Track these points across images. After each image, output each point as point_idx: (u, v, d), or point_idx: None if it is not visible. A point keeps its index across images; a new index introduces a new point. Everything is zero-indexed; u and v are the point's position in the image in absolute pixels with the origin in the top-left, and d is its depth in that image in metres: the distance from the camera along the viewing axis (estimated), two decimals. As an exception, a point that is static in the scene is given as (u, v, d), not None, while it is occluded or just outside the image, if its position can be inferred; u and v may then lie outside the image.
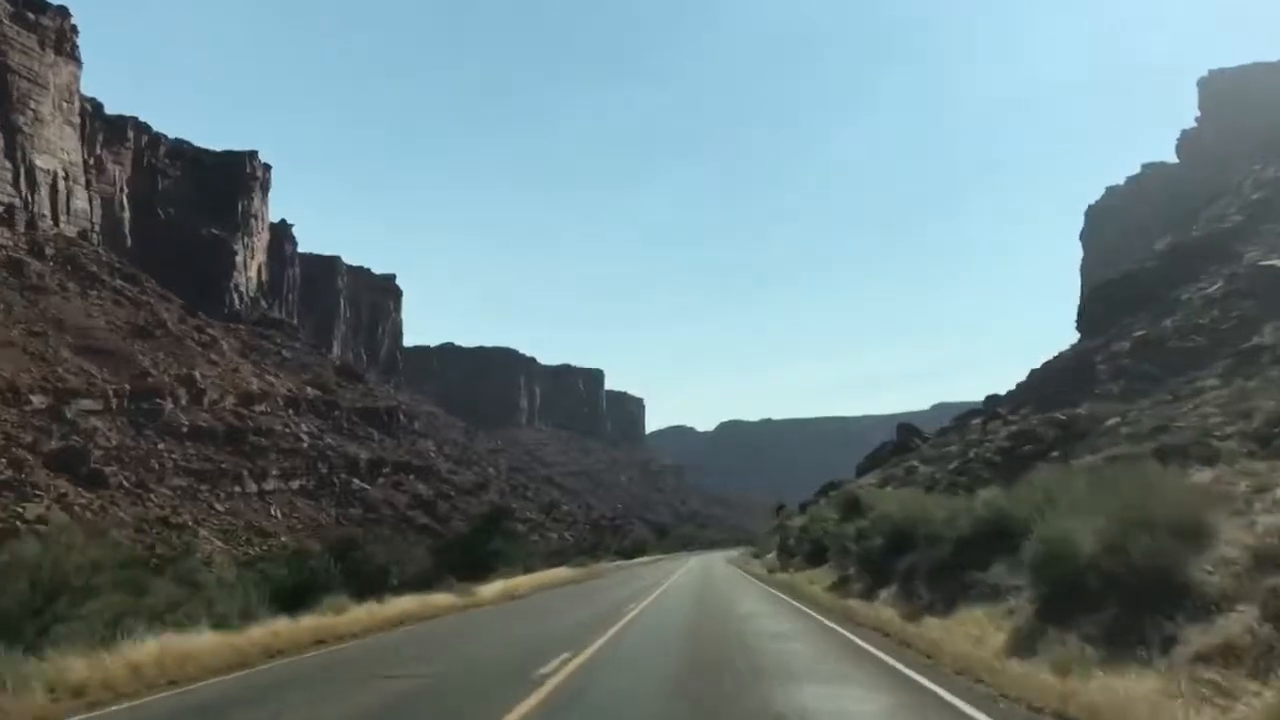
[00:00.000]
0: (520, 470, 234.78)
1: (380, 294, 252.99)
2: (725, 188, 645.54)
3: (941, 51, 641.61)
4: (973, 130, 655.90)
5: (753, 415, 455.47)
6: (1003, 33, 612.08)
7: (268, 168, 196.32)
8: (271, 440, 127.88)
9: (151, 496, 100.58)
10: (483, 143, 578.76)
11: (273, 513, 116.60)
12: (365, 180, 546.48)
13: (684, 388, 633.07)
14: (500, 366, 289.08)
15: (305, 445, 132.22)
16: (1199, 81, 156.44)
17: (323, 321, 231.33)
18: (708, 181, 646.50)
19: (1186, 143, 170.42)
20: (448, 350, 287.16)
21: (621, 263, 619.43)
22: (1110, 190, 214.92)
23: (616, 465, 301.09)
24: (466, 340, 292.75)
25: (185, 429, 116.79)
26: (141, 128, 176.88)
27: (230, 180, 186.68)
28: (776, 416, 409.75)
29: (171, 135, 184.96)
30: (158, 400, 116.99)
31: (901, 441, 74.82)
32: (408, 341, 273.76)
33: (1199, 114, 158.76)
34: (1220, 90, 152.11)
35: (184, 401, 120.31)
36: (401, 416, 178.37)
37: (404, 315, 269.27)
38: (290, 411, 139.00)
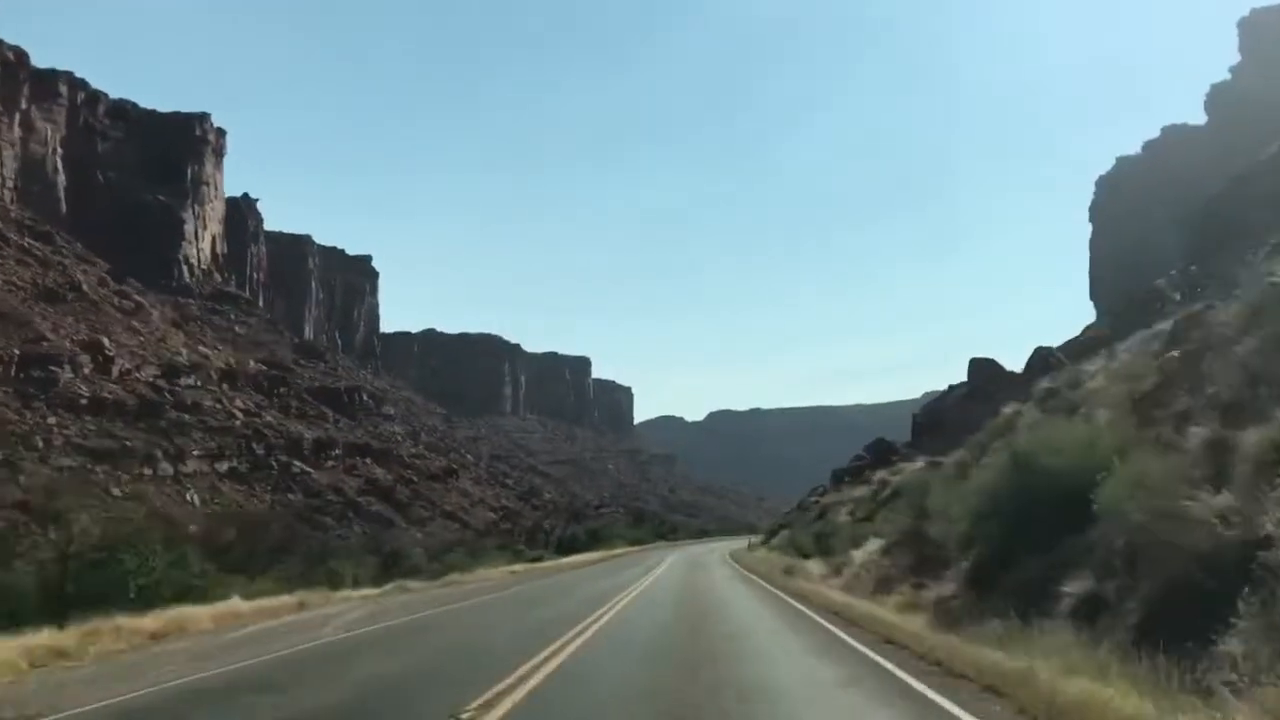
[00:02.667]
0: (502, 458, 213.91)
1: (355, 275, 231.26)
2: (715, 176, 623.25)
3: (932, 31, 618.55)
4: (962, 115, 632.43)
5: (742, 405, 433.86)
6: (999, 10, 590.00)
7: (222, 132, 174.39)
8: (197, 416, 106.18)
9: (21, 478, 78.94)
10: (469, 127, 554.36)
11: (189, 498, 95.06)
12: (345, 164, 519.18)
13: (673, 377, 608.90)
14: (484, 353, 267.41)
15: (239, 423, 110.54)
16: (1239, 22, 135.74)
17: (294, 303, 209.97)
18: (697, 170, 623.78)
19: (1217, 96, 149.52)
20: (429, 336, 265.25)
21: (609, 251, 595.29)
22: (1122, 160, 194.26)
23: (604, 454, 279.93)
24: (449, 327, 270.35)
25: (85, 401, 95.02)
26: (77, 84, 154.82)
27: (180, 145, 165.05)
28: (765, 406, 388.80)
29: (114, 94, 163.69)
30: (53, 368, 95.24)
31: (978, 386, 52.64)
32: (389, 327, 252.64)
33: (1238, 59, 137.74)
34: (1267, 30, 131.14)
35: (86, 370, 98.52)
36: (363, 397, 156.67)
37: (383, 299, 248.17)
38: (225, 386, 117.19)
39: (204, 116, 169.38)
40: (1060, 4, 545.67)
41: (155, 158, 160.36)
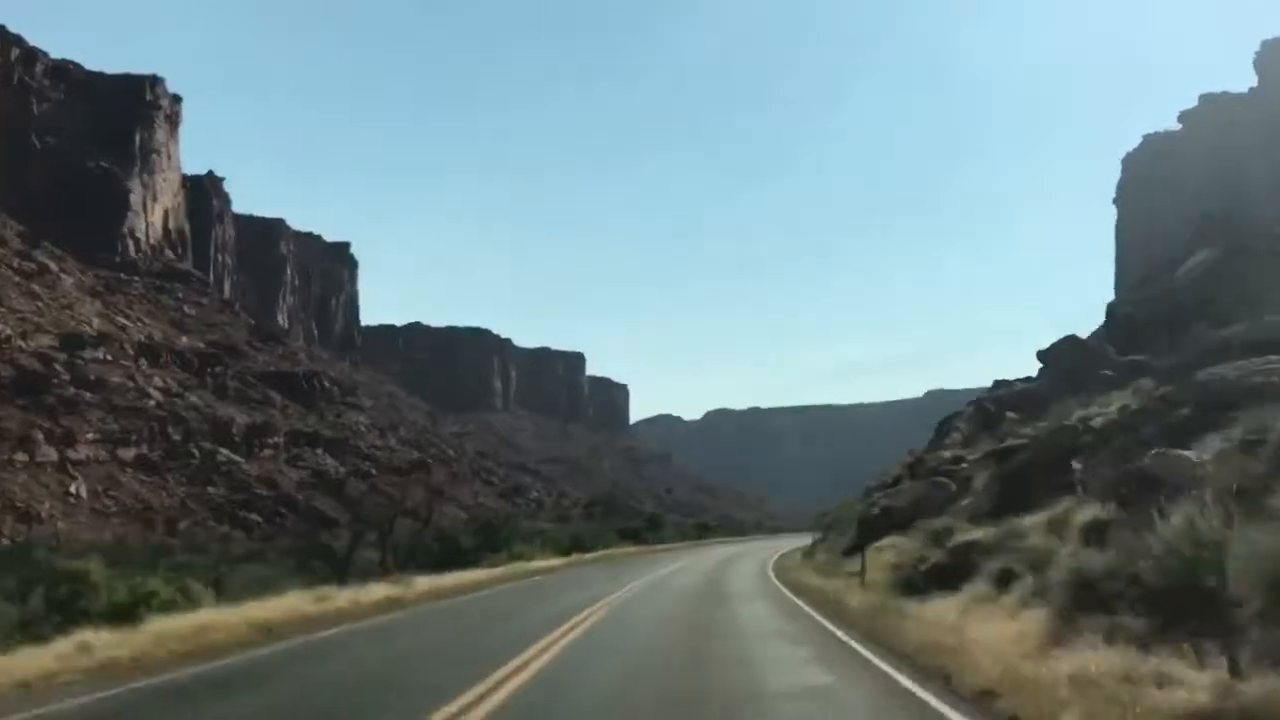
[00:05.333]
0: (488, 455, 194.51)
1: (333, 263, 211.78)
2: (712, 173, 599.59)
3: (937, 22, 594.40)
4: (960, 109, 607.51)
5: (740, 404, 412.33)
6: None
7: (177, 99, 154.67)
8: (101, 395, 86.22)
9: None
10: (463, 119, 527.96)
11: (74, 490, 75.08)
12: (328, 149, 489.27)
13: (669, 376, 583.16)
14: (472, 347, 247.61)
15: (153, 404, 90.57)
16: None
17: (265, 289, 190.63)
18: (694, 167, 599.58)
19: (1270, 53, 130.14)
20: (415, 329, 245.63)
21: (604, 247, 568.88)
22: (1151, 136, 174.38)
23: (598, 452, 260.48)
24: (436, 320, 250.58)
25: (-57, 372, 75.20)
26: (10, 40, 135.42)
27: (128, 109, 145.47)
28: (764, 405, 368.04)
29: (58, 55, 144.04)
30: (-94, 331, 75.43)
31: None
32: (373, 320, 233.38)
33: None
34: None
35: (-49, 335, 78.70)
36: (324, 384, 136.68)
37: (367, 292, 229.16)
38: (143, 362, 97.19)
39: (156, 80, 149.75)
40: None
41: (100, 123, 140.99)
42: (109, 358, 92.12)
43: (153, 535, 72.63)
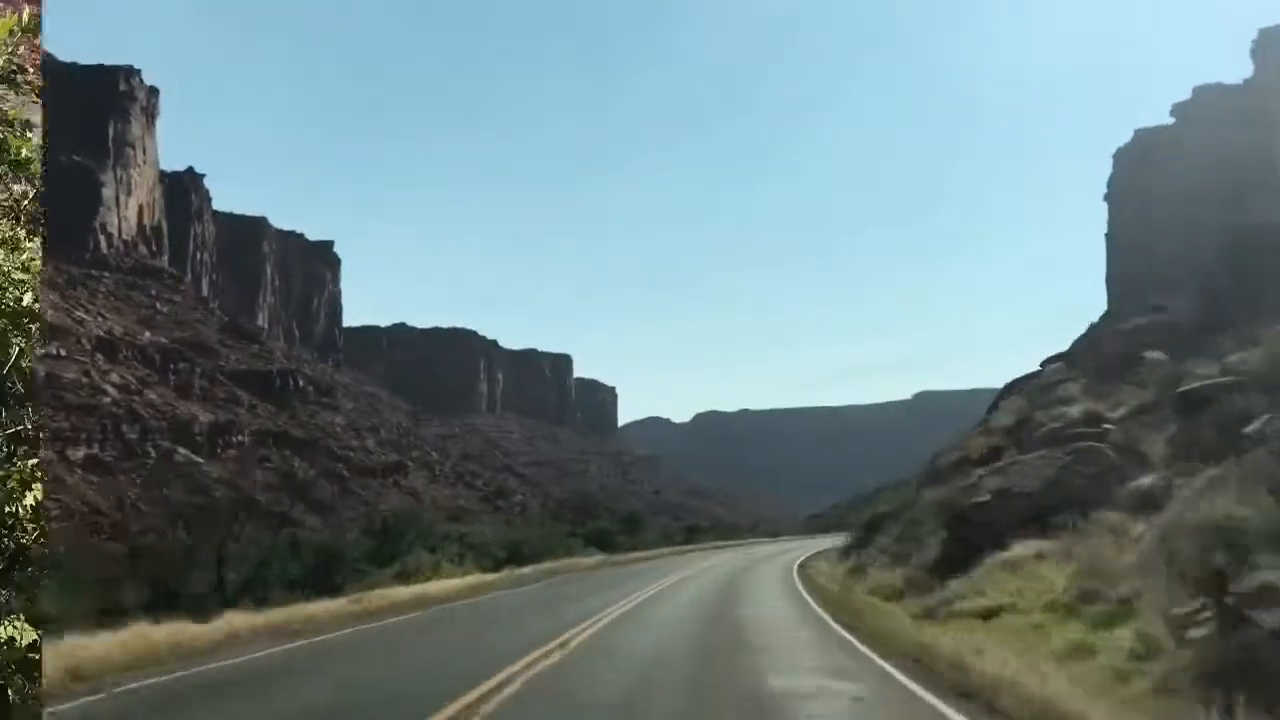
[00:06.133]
0: (473, 458, 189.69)
1: (315, 262, 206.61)
2: (701, 174, 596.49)
3: (925, 30, 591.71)
4: (952, 112, 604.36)
5: (730, 406, 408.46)
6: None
7: (154, 91, 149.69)
8: (51, 390, 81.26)
9: None
10: (449, 119, 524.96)
11: (12, 492, 70.14)
12: (312, 147, 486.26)
13: (658, 378, 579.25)
14: (458, 349, 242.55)
15: (108, 400, 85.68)
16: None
17: (245, 288, 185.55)
18: (685, 168, 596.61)
19: (1269, 42, 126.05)
20: (399, 330, 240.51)
21: (593, 250, 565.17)
22: (1143, 131, 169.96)
23: (585, 456, 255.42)
24: (421, 321, 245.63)
25: (-125, 364, 70.11)
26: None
27: (102, 101, 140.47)
28: (754, 407, 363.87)
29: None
30: None
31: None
32: (357, 321, 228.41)
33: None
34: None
35: (-113, 326, 73.59)
36: (299, 383, 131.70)
37: (351, 292, 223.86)
38: (100, 357, 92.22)
39: (131, 71, 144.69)
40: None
41: (73, 115, 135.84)
42: (62, 352, 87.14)
43: (95, 541, 67.76)
